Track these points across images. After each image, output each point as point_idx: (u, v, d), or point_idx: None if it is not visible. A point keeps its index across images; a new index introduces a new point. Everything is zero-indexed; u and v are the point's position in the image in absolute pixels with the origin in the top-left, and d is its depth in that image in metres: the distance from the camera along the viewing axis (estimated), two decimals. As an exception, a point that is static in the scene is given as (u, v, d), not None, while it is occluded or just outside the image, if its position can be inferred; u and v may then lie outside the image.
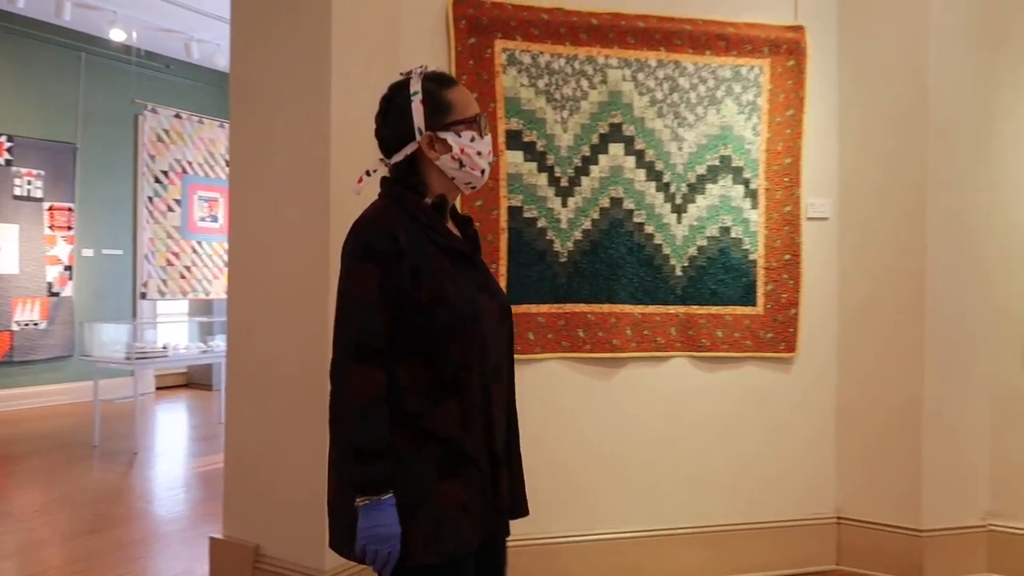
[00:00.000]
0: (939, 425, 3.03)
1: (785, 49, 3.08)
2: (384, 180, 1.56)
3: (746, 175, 3.07)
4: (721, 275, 3.03)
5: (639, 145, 2.98)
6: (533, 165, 2.88)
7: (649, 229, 2.98)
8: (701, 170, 3.04)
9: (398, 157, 1.53)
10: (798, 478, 3.13)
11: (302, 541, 2.52)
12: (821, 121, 3.16)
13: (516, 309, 2.82)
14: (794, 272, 3.10)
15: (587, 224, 2.93)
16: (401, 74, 1.57)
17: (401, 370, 1.41)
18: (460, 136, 1.51)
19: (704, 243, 3.03)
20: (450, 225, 1.56)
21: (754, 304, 3.07)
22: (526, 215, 2.86)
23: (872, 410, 3.10)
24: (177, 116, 6.72)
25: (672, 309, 2.99)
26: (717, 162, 3.04)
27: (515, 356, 2.80)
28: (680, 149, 3.02)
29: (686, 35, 2.99)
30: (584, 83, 2.93)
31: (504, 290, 2.78)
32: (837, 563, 3.13)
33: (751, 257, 3.07)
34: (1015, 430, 3.07)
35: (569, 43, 2.91)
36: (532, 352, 2.85)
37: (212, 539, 2.76)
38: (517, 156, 2.85)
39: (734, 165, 3.06)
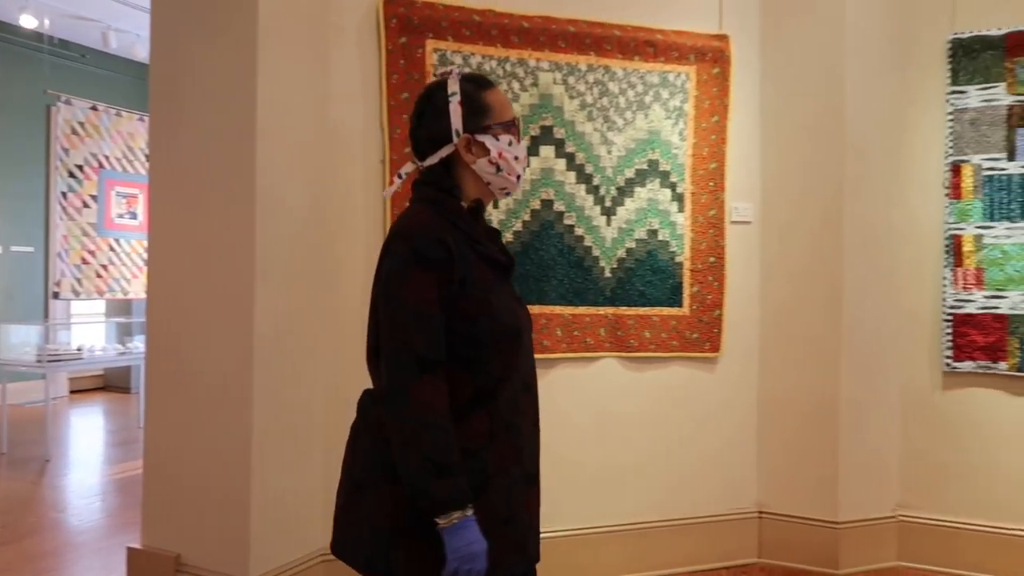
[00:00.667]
0: (854, 422, 3.16)
1: (710, 57, 3.17)
2: (415, 184, 1.50)
3: (673, 179, 3.13)
4: (649, 277, 3.09)
5: (570, 148, 3.01)
6: (464, 166, 2.87)
7: (579, 231, 3.02)
8: (630, 173, 3.09)
9: (432, 160, 1.46)
10: (721, 474, 3.22)
11: (225, 549, 2.45)
12: (744, 128, 3.26)
13: (447, 310, 2.81)
14: (718, 274, 3.18)
15: (518, 226, 2.94)
16: (436, 75, 1.53)
17: None
18: (498, 139, 1.45)
19: (633, 245, 3.08)
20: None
21: (680, 305, 3.14)
22: (457, 216, 2.85)
23: (792, 407, 3.22)
24: (94, 108, 6.45)
25: (601, 310, 3.04)
26: (645, 166, 3.10)
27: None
28: (610, 153, 3.06)
29: (615, 40, 3.04)
30: (515, 85, 2.94)
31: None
32: (758, 556, 3.23)
33: (678, 259, 3.14)
34: (922, 426, 3.23)
35: (500, 45, 2.91)
36: (463, 353, 2.84)
37: (130, 549, 2.66)
38: (448, 157, 2.84)
39: (662, 169, 3.12)
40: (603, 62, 3.04)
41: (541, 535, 1.51)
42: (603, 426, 3.05)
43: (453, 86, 1.46)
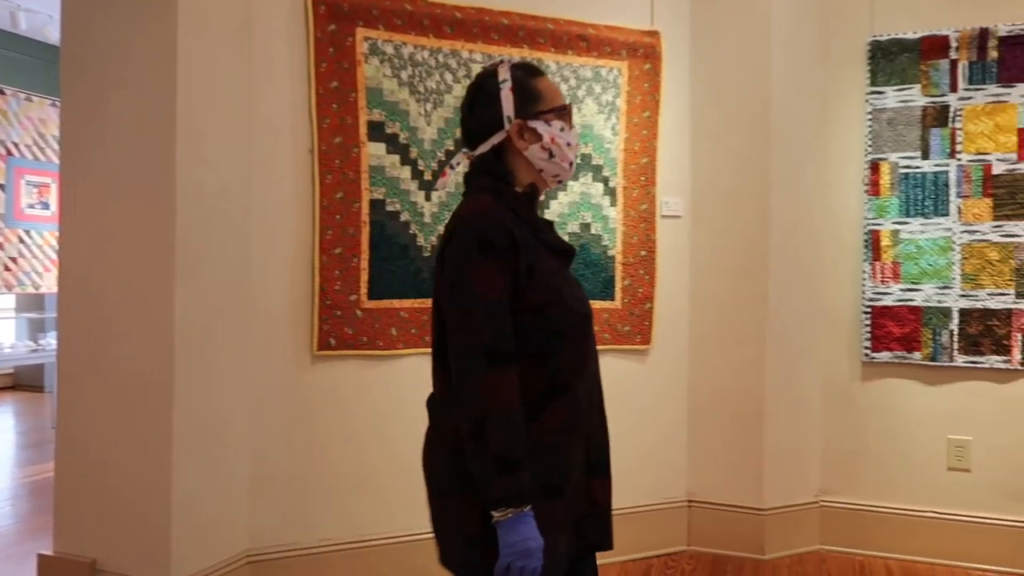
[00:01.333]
0: (779, 412, 3.25)
1: (642, 53, 3.19)
2: (468, 174, 1.48)
3: (605, 173, 3.15)
4: (582, 270, 3.10)
5: (503, 141, 2.99)
6: (396, 158, 2.82)
7: (512, 224, 3.00)
8: (563, 167, 3.09)
9: (484, 148, 1.45)
10: (653, 465, 3.26)
11: (144, 553, 2.36)
12: (675, 123, 3.30)
13: (378, 304, 2.77)
14: (650, 268, 3.22)
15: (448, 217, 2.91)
16: (485, 67, 1.51)
17: None
18: (550, 125, 1.44)
19: (566, 239, 3.09)
20: None
21: (613, 298, 3.17)
22: (388, 208, 2.80)
23: (720, 398, 3.29)
24: (1, 92, 6.10)
25: (534, 304, 3.03)
26: (578, 160, 3.11)
27: (377, 352, 2.77)
28: (542, 146, 3.06)
29: (549, 34, 3.03)
30: (448, 77, 2.91)
31: (366, 285, 2.72)
32: (688, 544, 3.30)
33: (610, 253, 3.16)
34: (842, 415, 3.35)
35: (433, 35, 2.87)
36: (395, 348, 2.80)
37: (41, 556, 2.52)
38: (379, 148, 2.79)
39: (594, 163, 3.14)
40: (536, 55, 3.03)
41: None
42: (536, 419, 3.04)
43: (504, 73, 1.45)
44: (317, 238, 2.68)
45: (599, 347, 3.08)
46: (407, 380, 2.81)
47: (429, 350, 2.78)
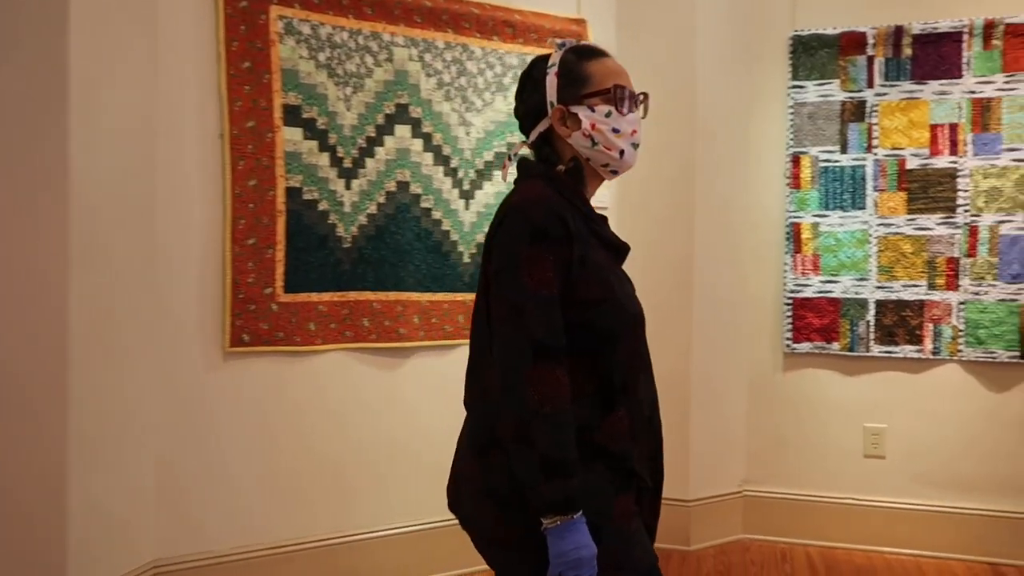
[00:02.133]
0: (704, 403, 3.27)
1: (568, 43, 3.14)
2: (520, 161, 1.41)
3: (532, 163, 3.09)
4: (508, 262, 3.03)
5: (426, 128, 2.89)
6: (314, 144, 2.69)
7: (437, 215, 2.91)
8: (489, 156, 3.02)
9: (532, 135, 1.39)
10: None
11: (37, 566, 2.17)
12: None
13: (295, 298, 2.64)
14: (576, 260, 3.18)
15: (372, 208, 2.80)
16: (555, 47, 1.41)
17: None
18: (593, 111, 1.34)
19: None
20: None
21: (539, 291, 3.11)
22: (306, 197, 2.67)
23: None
24: None
25: (460, 296, 2.95)
26: (504, 149, 3.04)
27: (295, 349, 2.64)
28: (468, 134, 2.98)
29: (474, 18, 2.95)
30: (369, 60, 2.79)
31: (281, 277, 2.59)
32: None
33: (536, 245, 3.10)
34: (765, 405, 3.40)
35: (353, 16, 2.75)
36: (313, 344, 2.67)
37: (-81, 575, 2.31)
38: (296, 133, 2.65)
39: (521, 153, 3.06)
40: (461, 40, 2.95)
41: (399, 530, 1.42)
42: (462, 416, 2.96)
43: (554, 58, 1.38)
44: (229, 228, 2.53)
45: (526, 340, 3.05)
46: (326, 378, 2.70)
47: (351, 346, 2.73)
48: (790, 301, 3.36)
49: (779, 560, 3.15)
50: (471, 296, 2.96)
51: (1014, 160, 3.14)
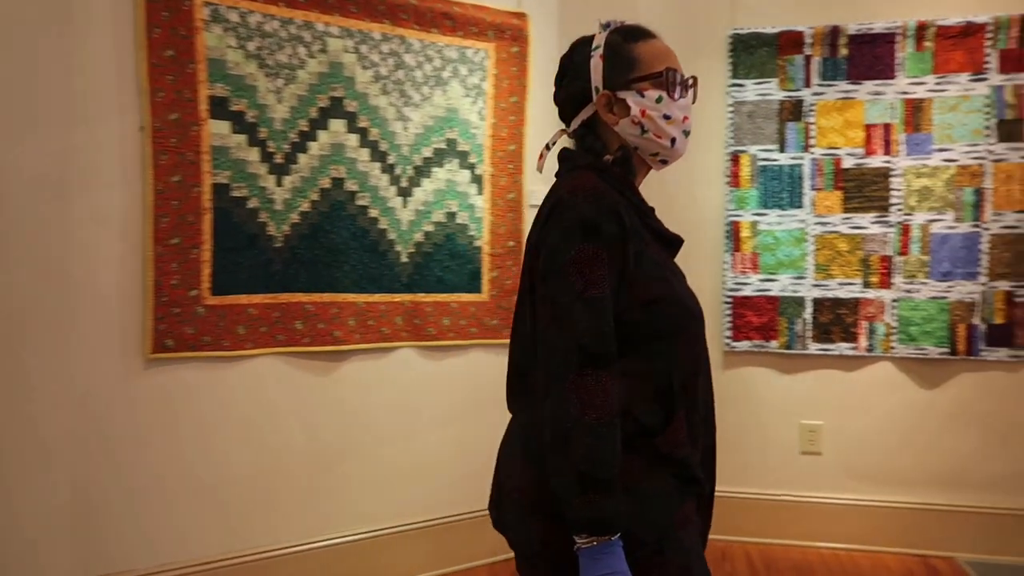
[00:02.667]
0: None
1: (509, 35, 3.07)
2: (565, 153, 1.32)
3: (472, 160, 3.02)
4: (447, 261, 2.96)
5: (362, 123, 2.79)
6: (243, 138, 2.56)
7: (373, 213, 2.81)
8: (427, 152, 2.93)
9: (575, 123, 1.30)
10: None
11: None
12: (543, 110, 3.21)
13: (223, 300, 2.51)
14: (518, 259, 3.12)
15: (305, 206, 2.68)
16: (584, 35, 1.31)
17: (622, 379, 1.14)
18: (643, 96, 1.25)
19: (431, 228, 2.93)
20: None
21: (480, 291, 3.04)
22: (234, 194, 2.54)
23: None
24: None
25: (398, 297, 2.86)
26: (444, 145, 2.95)
27: (223, 354, 2.51)
28: (406, 129, 2.88)
29: (412, 10, 2.85)
30: (301, 50, 2.67)
31: (208, 279, 2.46)
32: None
33: (476, 243, 3.03)
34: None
35: (284, 4, 2.62)
36: (242, 348, 2.55)
37: None
38: (223, 127, 2.52)
39: (460, 149, 2.99)
40: (399, 32, 2.85)
41: (337, 540, 1.32)
42: (401, 420, 2.88)
43: (598, 39, 1.29)
44: (150, 227, 2.38)
45: (464, 342, 2.99)
46: (257, 383, 2.58)
47: (283, 350, 2.62)
48: (730, 299, 3.38)
49: (719, 559, 3.17)
50: (409, 296, 2.88)
51: (944, 160, 3.20)
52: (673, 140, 1.29)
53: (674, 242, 1.32)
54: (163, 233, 2.41)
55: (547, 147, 1.40)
